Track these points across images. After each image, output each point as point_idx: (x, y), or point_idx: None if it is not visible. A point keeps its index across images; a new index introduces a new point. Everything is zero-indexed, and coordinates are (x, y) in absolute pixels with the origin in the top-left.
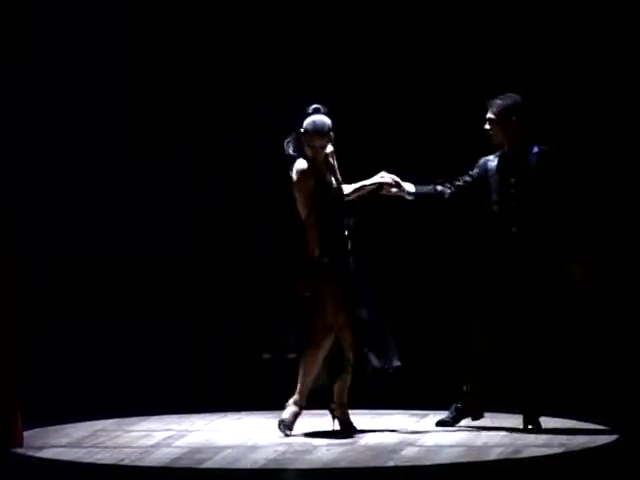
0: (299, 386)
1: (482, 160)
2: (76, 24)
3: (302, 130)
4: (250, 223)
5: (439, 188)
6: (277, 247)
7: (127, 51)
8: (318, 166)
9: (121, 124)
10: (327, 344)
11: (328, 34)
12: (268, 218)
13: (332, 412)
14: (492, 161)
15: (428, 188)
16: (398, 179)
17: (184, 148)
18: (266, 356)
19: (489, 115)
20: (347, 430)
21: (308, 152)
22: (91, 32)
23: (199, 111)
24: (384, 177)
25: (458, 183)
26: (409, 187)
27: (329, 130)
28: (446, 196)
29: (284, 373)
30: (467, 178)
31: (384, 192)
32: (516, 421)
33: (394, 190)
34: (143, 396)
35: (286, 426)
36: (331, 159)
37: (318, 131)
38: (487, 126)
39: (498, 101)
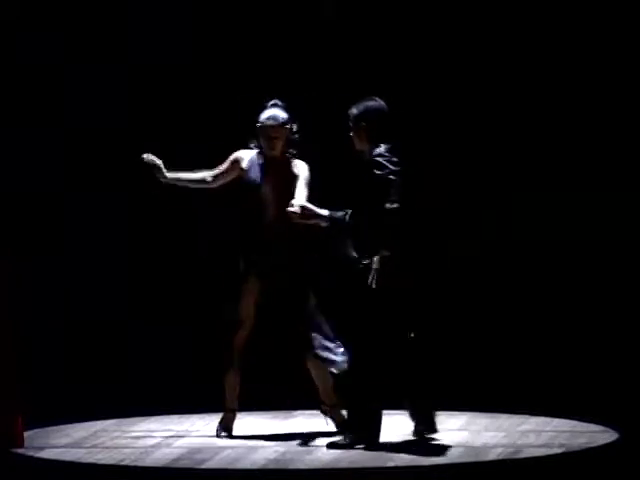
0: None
1: None
2: (76, 24)
3: (258, 124)
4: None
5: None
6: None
7: (127, 51)
8: (271, 161)
9: (121, 124)
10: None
11: (329, 37)
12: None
13: (324, 413)
14: None
15: (340, 214)
16: (311, 206)
17: (183, 148)
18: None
19: (349, 122)
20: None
21: (263, 144)
22: (91, 32)
23: (199, 111)
24: (292, 207)
25: None
26: (324, 213)
27: (282, 123)
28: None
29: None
30: None
31: (296, 221)
32: (516, 421)
33: (303, 220)
34: (143, 396)
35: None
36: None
37: (268, 122)
38: (351, 133)
39: (353, 107)
